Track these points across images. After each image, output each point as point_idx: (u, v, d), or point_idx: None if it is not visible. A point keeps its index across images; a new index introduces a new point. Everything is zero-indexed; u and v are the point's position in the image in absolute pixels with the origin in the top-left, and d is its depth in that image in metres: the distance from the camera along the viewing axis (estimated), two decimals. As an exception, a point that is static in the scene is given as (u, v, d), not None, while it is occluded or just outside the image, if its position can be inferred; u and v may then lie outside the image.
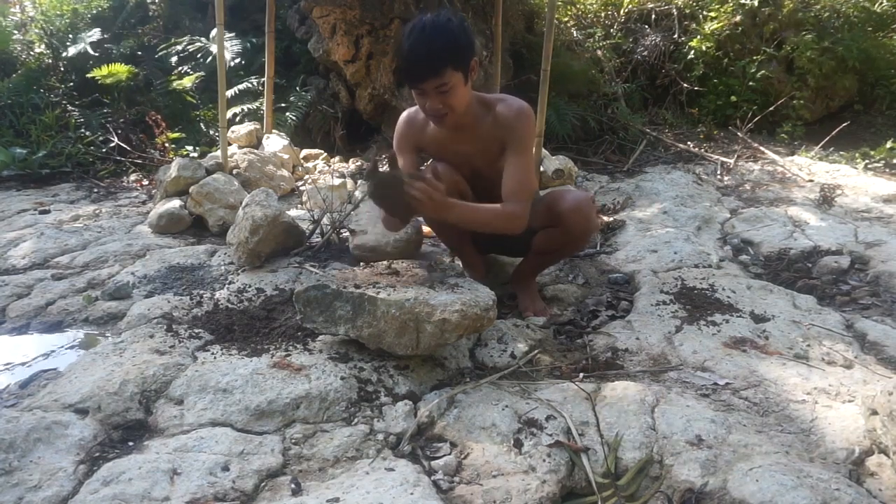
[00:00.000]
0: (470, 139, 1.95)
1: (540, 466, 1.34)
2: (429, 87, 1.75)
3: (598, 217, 2.10)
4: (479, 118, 1.92)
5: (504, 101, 1.91)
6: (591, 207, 2.01)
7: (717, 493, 1.27)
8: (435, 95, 1.76)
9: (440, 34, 1.69)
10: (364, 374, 1.65)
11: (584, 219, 1.99)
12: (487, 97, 1.96)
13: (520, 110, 1.87)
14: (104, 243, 2.81)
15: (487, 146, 1.93)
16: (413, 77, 1.75)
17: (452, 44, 1.71)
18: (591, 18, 5.65)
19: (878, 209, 3.20)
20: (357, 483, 1.27)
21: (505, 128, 1.88)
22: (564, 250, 2.21)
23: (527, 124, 1.87)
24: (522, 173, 1.86)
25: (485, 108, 1.92)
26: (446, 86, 1.73)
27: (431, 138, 2.01)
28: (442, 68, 1.70)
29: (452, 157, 2.04)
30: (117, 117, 4.52)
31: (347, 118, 4.54)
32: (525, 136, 1.87)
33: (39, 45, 4.95)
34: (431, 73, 1.72)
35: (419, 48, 1.70)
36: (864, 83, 5.21)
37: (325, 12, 3.94)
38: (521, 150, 1.87)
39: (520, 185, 1.85)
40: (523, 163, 1.87)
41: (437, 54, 1.69)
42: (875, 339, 1.92)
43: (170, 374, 1.62)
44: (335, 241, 2.71)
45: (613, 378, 1.72)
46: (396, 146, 2.06)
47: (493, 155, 1.93)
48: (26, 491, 1.23)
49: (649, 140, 4.63)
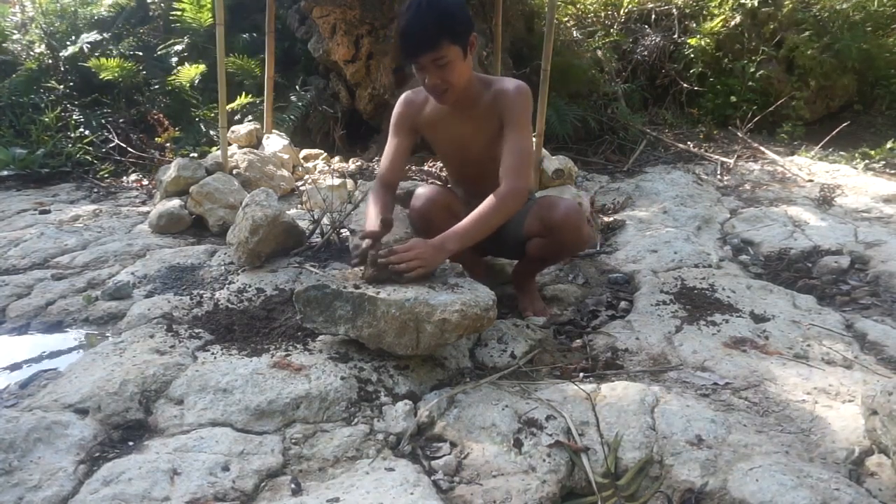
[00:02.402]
0: (468, 118, 1.96)
1: (540, 466, 1.34)
2: (426, 60, 1.76)
3: (590, 225, 2.08)
4: (478, 97, 1.94)
5: (502, 81, 1.95)
6: (582, 218, 2.00)
7: (717, 493, 1.27)
8: (434, 70, 1.77)
9: (436, 8, 1.71)
10: (364, 374, 1.65)
11: (574, 231, 1.97)
12: (487, 77, 1.98)
13: (517, 87, 1.89)
14: (104, 243, 2.81)
15: (485, 125, 1.94)
16: (410, 51, 1.76)
17: (448, 18, 1.73)
18: (591, 18, 5.65)
19: (878, 209, 3.20)
20: (357, 483, 1.27)
21: (503, 105, 1.89)
22: (558, 258, 2.28)
23: (524, 100, 1.89)
24: (520, 148, 1.85)
25: (484, 87, 1.94)
26: (444, 59, 1.75)
27: (429, 120, 2.03)
28: (438, 41, 1.72)
29: (448, 141, 2.06)
30: (117, 117, 4.52)
31: (347, 118, 4.54)
32: (522, 112, 1.89)
33: (39, 45, 4.94)
34: (428, 47, 1.73)
35: (415, 22, 1.71)
36: (864, 83, 5.21)
37: (325, 12, 3.94)
38: (518, 125, 1.87)
39: (518, 160, 1.84)
40: (521, 138, 1.86)
41: (434, 27, 1.71)
42: (875, 339, 1.92)
43: (170, 374, 1.62)
44: (335, 241, 2.71)
45: (613, 378, 1.72)
46: (393, 126, 2.07)
47: (490, 135, 1.94)
48: (26, 491, 1.23)
49: (649, 140, 4.63)
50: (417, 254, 1.71)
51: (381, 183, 2.05)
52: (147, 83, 4.71)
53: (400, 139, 2.05)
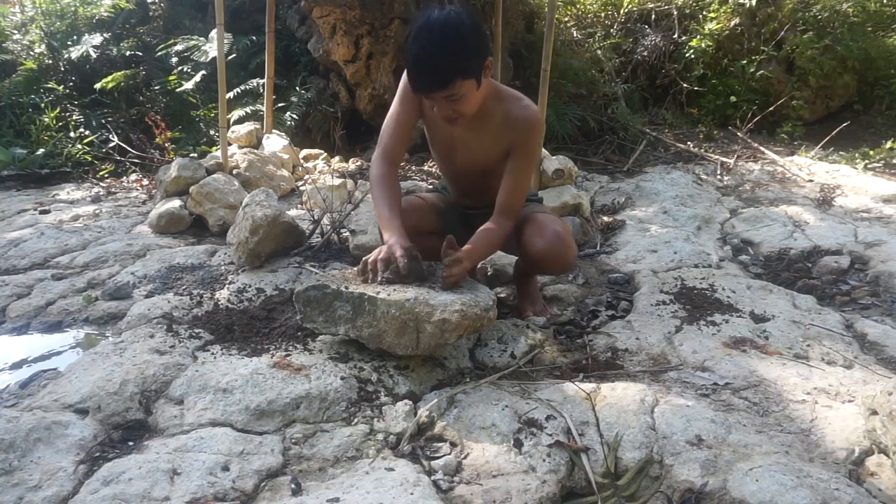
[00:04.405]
0: (474, 129, 1.85)
1: (540, 466, 1.34)
2: (437, 96, 1.66)
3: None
4: (489, 111, 1.81)
5: (519, 102, 1.82)
6: (565, 246, 1.90)
7: (717, 493, 1.27)
8: (444, 103, 1.67)
9: (449, 42, 1.57)
10: (364, 374, 1.65)
11: (557, 261, 1.94)
12: (503, 90, 1.86)
13: (533, 118, 1.80)
14: (104, 243, 2.81)
15: (489, 145, 1.86)
16: (420, 88, 1.66)
17: (461, 53, 1.59)
18: (591, 18, 5.65)
19: (877, 209, 3.20)
20: (357, 483, 1.27)
21: (514, 131, 1.80)
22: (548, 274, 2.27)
23: (538, 135, 1.84)
24: (519, 186, 1.84)
25: (497, 102, 1.82)
26: (456, 95, 1.64)
27: (434, 115, 1.82)
28: (450, 81, 1.60)
29: (446, 142, 1.95)
30: (117, 117, 4.52)
31: (347, 118, 4.54)
32: (534, 147, 1.84)
33: (39, 45, 4.95)
34: (439, 86, 1.62)
35: (426, 60, 1.59)
36: (863, 83, 5.21)
37: (325, 12, 3.94)
38: (525, 158, 1.82)
39: (517, 198, 1.84)
40: (524, 173, 1.84)
41: (446, 66, 1.58)
42: (875, 339, 1.92)
43: (170, 374, 1.62)
44: (335, 241, 2.71)
45: (613, 378, 1.72)
46: (399, 93, 1.87)
47: (492, 153, 1.87)
48: (26, 491, 1.23)
49: (649, 140, 4.63)
50: (460, 272, 1.72)
51: (386, 160, 1.87)
52: (147, 83, 4.71)
53: (404, 109, 1.87)
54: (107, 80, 4.42)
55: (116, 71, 4.57)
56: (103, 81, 4.42)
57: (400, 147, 1.91)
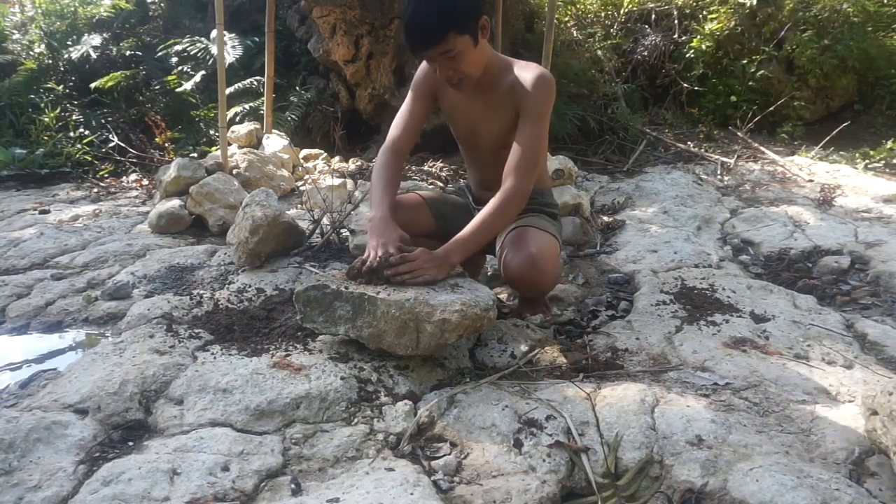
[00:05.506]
0: (483, 103, 1.88)
1: (540, 466, 1.34)
2: (434, 54, 1.70)
3: (555, 266, 1.93)
4: (497, 80, 1.84)
5: (524, 67, 1.84)
6: (536, 269, 1.83)
7: (717, 494, 1.27)
8: (443, 62, 1.71)
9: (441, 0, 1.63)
10: (364, 374, 1.65)
11: (528, 284, 1.91)
12: (509, 60, 1.88)
13: (539, 76, 1.79)
14: (104, 243, 2.81)
15: (499, 113, 1.86)
16: (416, 46, 1.70)
17: (451, 8, 1.65)
18: (591, 18, 5.65)
19: (878, 209, 3.20)
20: (357, 483, 1.27)
21: (520, 94, 1.80)
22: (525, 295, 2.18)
23: (544, 90, 1.78)
24: (530, 146, 1.77)
25: (505, 70, 1.85)
26: (452, 51, 1.68)
27: (447, 93, 1.92)
28: (444, 35, 1.65)
29: (461, 123, 1.97)
30: (117, 117, 4.52)
31: (347, 118, 4.54)
32: (541, 103, 1.79)
33: (39, 45, 4.95)
34: (433, 41, 1.66)
35: (418, 15, 1.65)
36: (864, 83, 5.21)
37: (325, 12, 3.94)
38: (534, 118, 1.79)
39: (526, 158, 1.76)
40: (534, 134, 1.78)
41: (437, 20, 1.64)
42: (875, 339, 1.92)
43: (170, 374, 1.62)
44: (335, 241, 2.71)
45: (613, 378, 1.72)
46: (413, 87, 1.95)
47: (503, 124, 1.86)
48: (26, 491, 1.22)
49: (649, 140, 4.63)
50: (421, 266, 1.68)
51: (393, 150, 1.91)
52: (147, 83, 4.71)
53: (417, 103, 1.93)
54: (104, 79, 4.43)
55: (116, 71, 4.57)
56: (100, 81, 4.42)
57: (408, 139, 1.94)
